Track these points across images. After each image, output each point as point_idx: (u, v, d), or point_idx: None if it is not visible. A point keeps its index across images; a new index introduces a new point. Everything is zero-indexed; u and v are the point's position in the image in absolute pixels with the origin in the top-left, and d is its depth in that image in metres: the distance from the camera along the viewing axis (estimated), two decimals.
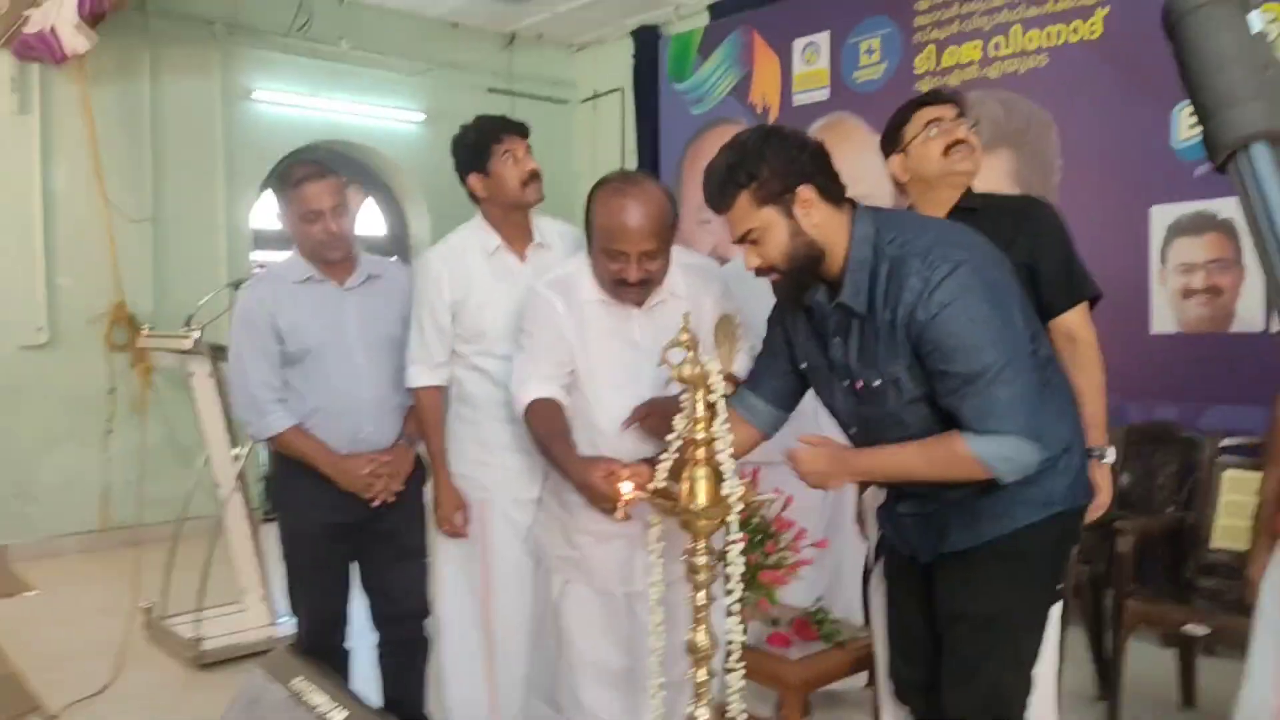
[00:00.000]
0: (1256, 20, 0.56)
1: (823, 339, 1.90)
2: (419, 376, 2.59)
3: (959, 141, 2.25)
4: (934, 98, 2.32)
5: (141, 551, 4.12)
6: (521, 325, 2.28)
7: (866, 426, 1.89)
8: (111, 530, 5.79)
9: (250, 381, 2.58)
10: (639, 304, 2.20)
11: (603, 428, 2.20)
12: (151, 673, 3.74)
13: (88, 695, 3.41)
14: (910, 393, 1.78)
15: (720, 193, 1.79)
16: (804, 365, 1.97)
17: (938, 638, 1.97)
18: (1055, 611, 2.29)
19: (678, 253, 2.25)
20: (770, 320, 2.04)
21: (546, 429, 2.12)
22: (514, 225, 2.57)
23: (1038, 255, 2.20)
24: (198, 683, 3.64)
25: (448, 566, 2.70)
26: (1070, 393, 1.94)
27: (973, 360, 1.66)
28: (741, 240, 1.82)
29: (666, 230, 2.12)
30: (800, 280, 1.83)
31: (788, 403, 2.04)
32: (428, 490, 2.82)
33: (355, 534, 2.69)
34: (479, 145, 2.51)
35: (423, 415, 2.63)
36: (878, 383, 1.80)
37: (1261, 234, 0.52)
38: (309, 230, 2.57)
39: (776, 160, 1.74)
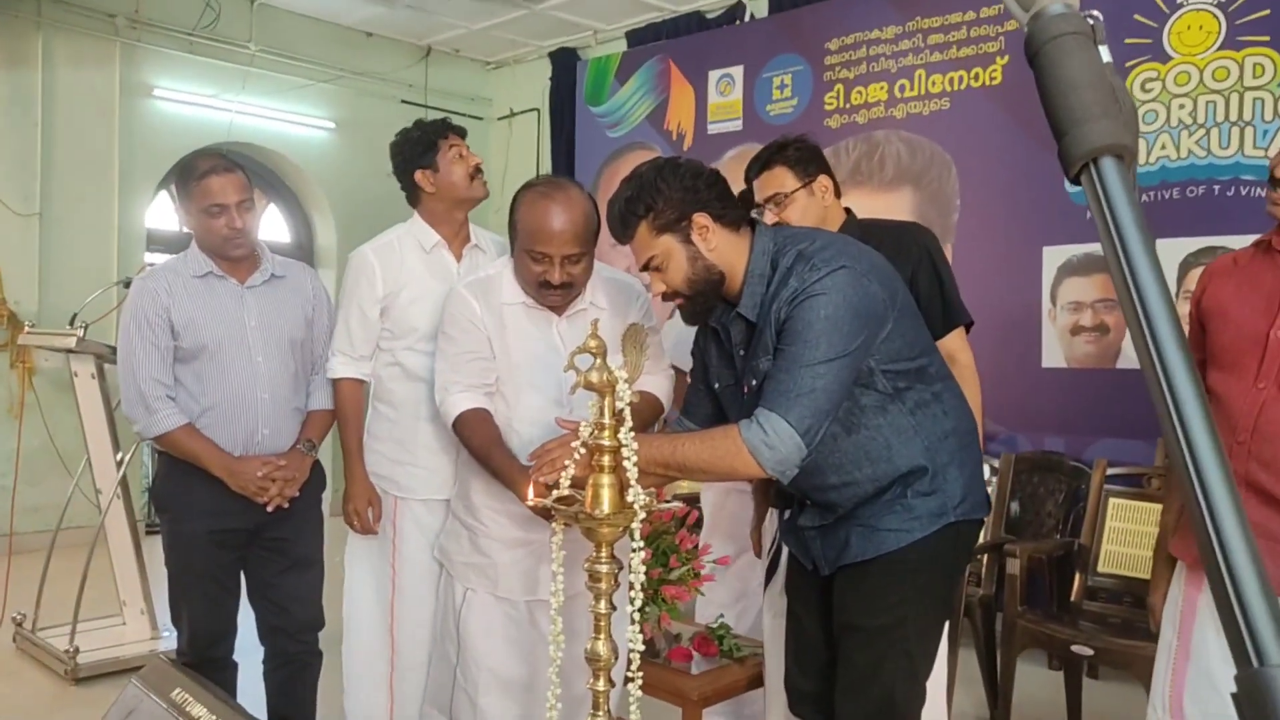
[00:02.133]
0: (1105, 52, 0.63)
1: (731, 358, 1.95)
2: (341, 368, 2.58)
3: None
4: (758, 167, 2.47)
5: (14, 561, 3.90)
6: (441, 326, 2.28)
7: None
8: None
9: (140, 376, 2.47)
10: (560, 309, 2.22)
11: (520, 429, 2.20)
12: (21, 686, 3.54)
13: None
14: None
15: (621, 224, 1.88)
16: (716, 386, 2.01)
17: (834, 650, 1.99)
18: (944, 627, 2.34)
19: (600, 267, 2.29)
20: (693, 349, 2.12)
21: (482, 439, 2.15)
22: (454, 224, 2.58)
23: (912, 284, 2.30)
24: (71, 697, 3.46)
25: (357, 568, 2.66)
26: (965, 410, 1.99)
27: (804, 349, 1.71)
28: (645, 268, 1.90)
29: (590, 235, 2.16)
30: (704, 303, 1.91)
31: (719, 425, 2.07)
32: (326, 498, 2.75)
33: (244, 541, 2.59)
34: (425, 142, 2.53)
35: (341, 406, 2.61)
36: (755, 381, 1.85)
37: (1111, 239, 0.57)
38: (212, 225, 2.48)
39: (671, 191, 1.83)
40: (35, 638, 3.79)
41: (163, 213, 6.57)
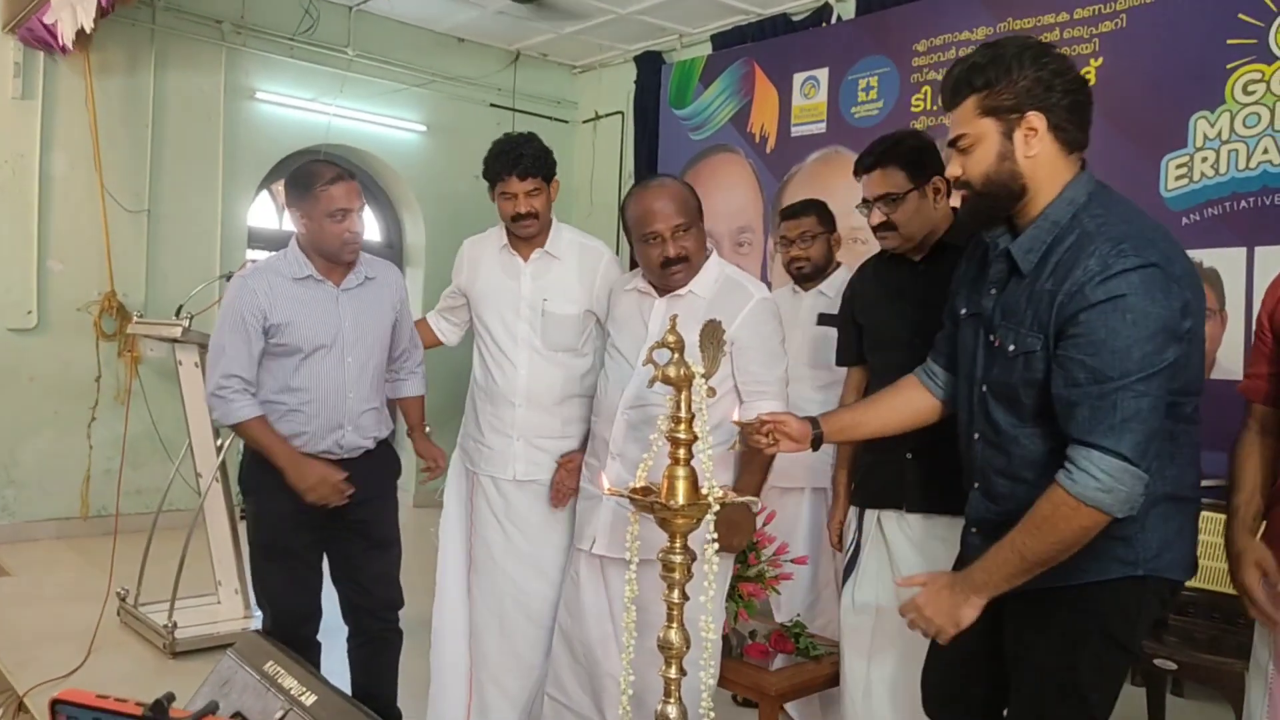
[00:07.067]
0: None
1: (982, 288, 1.81)
2: (433, 319, 3.01)
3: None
4: (870, 162, 2.39)
5: (119, 540, 4.10)
6: None
7: (985, 406, 1.77)
8: (90, 518, 5.76)
9: (223, 369, 2.58)
10: (683, 285, 2.35)
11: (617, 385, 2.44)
12: (123, 658, 3.72)
13: (57, 677, 3.39)
14: (1034, 375, 1.66)
15: (953, 89, 1.72)
16: (963, 311, 1.87)
17: (978, 658, 1.89)
18: None
19: (729, 267, 2.42)
20: (951, 287, 1.99)
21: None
22: (517, 239, 2.75)
23: None
24: (169, 670, 3.62)
25: (448, 541, 2.85)
26: (1192, 463, 1.76)
27: (1114, 362, 1.54)
28: (952, 144, 1.74)
29: (692, 210, 2.32)
30: (987, 209, 1.73)
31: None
32: (402, 483, 2.89)
33: (325, 523, 2.69)
34: (491, 170, 2.70)
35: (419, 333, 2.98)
36: (1012, 348, 1.70)
37: None
38: (335, 229, 2.60)
39: (1022, 77, 1.64)
40: (137, 612, 3.98)
41: (263, 211, 6.82)
